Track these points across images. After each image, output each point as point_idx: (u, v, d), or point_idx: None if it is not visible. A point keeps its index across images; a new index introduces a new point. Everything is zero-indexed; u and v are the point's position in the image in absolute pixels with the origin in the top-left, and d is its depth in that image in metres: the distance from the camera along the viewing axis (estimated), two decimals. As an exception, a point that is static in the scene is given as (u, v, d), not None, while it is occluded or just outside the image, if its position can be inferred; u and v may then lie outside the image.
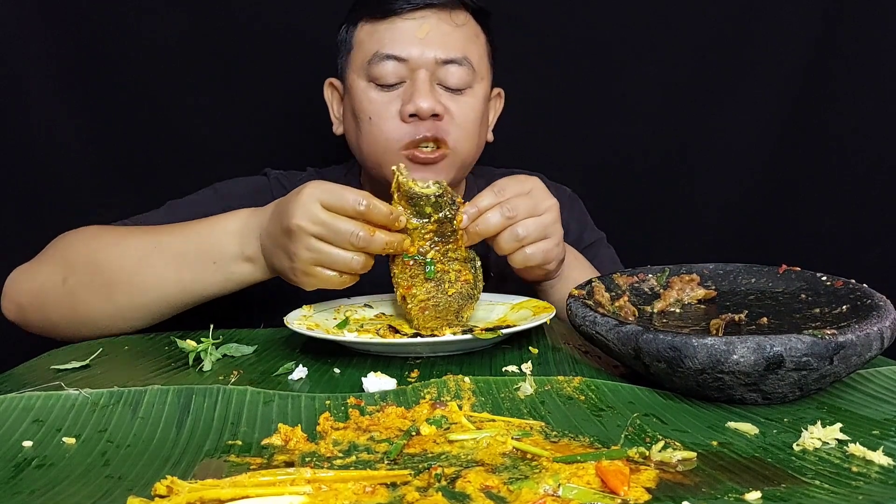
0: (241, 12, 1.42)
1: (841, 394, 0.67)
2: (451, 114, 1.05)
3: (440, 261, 0.85)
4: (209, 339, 0.80)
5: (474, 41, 1.09)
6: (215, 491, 0.46)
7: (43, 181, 1.39)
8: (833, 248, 1.49)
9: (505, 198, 0.86)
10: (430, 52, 1.03)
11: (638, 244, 1.48)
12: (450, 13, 1.06)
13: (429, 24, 1.04)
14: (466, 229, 0.85)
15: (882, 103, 1.45)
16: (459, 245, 0.86)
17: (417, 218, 0.83)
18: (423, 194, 0.82)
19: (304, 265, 0.84)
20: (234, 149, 1.47)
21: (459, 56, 1.05)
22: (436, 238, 0.84)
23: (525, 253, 0.88)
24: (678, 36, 1.47)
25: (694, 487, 0.48)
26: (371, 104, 1.05)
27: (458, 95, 1.06)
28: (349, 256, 0.82)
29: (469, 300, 0.87)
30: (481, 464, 0.52)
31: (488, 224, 0.85)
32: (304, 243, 0.83)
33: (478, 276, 0.88)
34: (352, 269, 0.83)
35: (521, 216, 0.87)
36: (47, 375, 0.75)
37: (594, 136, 1.51)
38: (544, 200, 0.89)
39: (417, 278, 0.85)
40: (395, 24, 1.04)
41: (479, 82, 1.09)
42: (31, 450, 0.57)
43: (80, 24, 1.38)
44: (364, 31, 1.07)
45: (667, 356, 0.63)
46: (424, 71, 1.03)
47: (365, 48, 1.06)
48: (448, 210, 0.83)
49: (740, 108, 1.48)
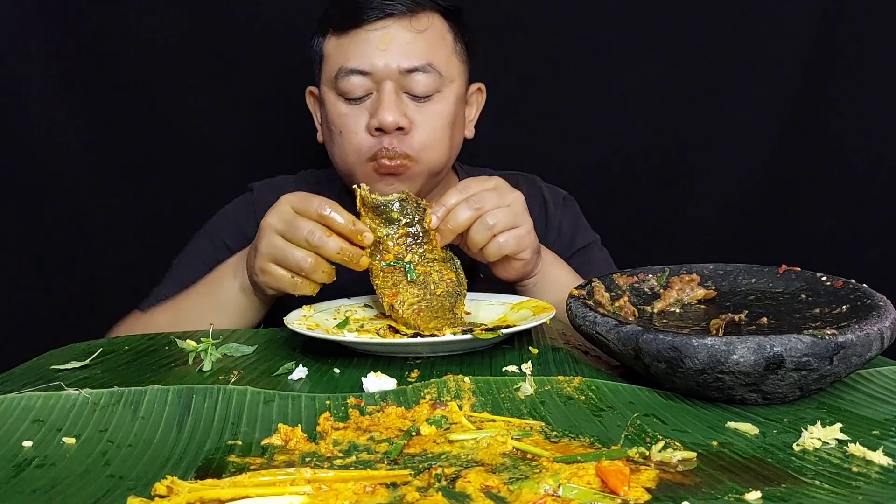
0: (241, 12, 1.42)
1: (841, 394, 0.67)
2: (417, 125, 1.06)
3: (419, 263, 0.87)
4: (209, 339, 0.80)
5: (439, 44, 1.08)
6: (215, 491, 0.46)
7: (43, 181, 1.40)
8: (833, 248, 1.49)
9: (470, 193, 0.89)
10: (393, 63, 1.04)
11: (638, 244, 1.48)
12: (410, 20, 1.06)
13: (390, 35, 1.05)
14: (438, 228, 0.87)
15: (882, 103, 1.45)
16: (435, 245, 0.88)
17: (386, 227, 0.86)
18: (385, 202, 0.86)
19: (262, 261, 0.89)
20: (234, 149, 1.47)
21: (423, 63, 1.05)
22: (409, 241, 0.87)
23: (498, 242, 0.90)
24: (678, 36, 1.47)
25: (694, 487, 0.48)
26: (340, 118, 1.07)
27: (425, 104, 1.07)
28: (301, 255, 0.86)
29: (458, 297, 0.88)
30: (481, 464, 0.52)
31: (458, 219, 0.87)
32: (266, 239, 0.89)
33: (460, 274, 0.90)
34: (302, 270, 0.87)
35: (489, 207, 0.89)
36: (47, 375, 0.75)
37: (594, 136, 1.51)
38: (509, 193, 0.92)
39: (401, 284, 0.86)
40: (359, 37, 1.05)
41: (448, 85, 1.09)
42: (31, 450, 0.57)
43: (81, 25, 1.38)
44: (331, 44, 1.09)
45: (667, 356, 0.63)
46: (390, 83, 1.04)
47: (331, 62, 1.08)
48: (415, 213, 0.87)
49: (740, 108, 1.48)
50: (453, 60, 1.10)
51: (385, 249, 0.87)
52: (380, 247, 0.87)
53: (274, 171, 1.33)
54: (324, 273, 0.87)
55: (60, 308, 1.43)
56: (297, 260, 0.86)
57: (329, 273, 0.88)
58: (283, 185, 1.21)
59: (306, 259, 0.86)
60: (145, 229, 1.47)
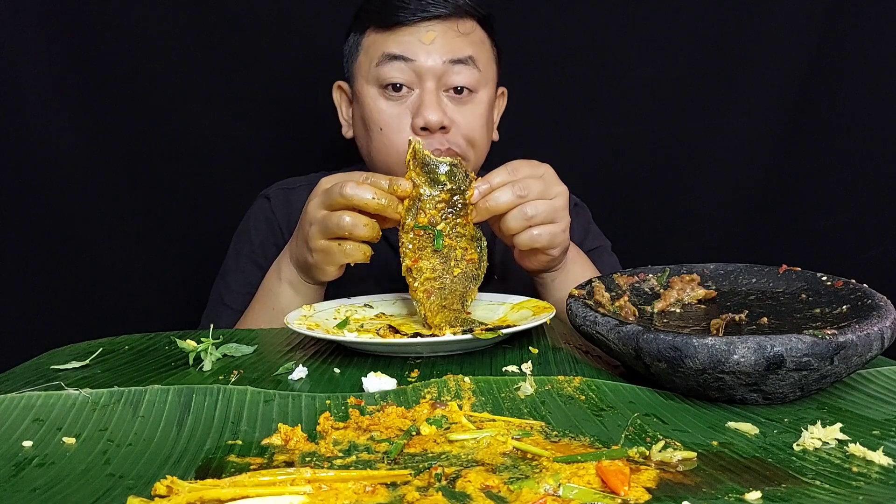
0: (242, 13, 1.42)
1: (841, 394, 0.67)
2: (458, 125, 1.07)
3: (448, 234, 0.86)
4: (209, 339, 0.80)
5: (480, 46, 1.10)
6: (215, 491, 0.46)
7: (43, 181, 1.40)
8: (833, 248, 1.49)
9: (517, 177, 0.88)
10: (437, 56, 1.05)
11: (638, 244, 1.48)
12: (456, 23, 1.07)
13: (434, 33, 1.05)
14: (477, 204, 0.86)
15: (883, 103, 1.45)
16: (468, 221, 0.87)
17: (430, 187, 0.84)
18: (436, 161, 0.84)
19: (313, 240, 0.89)
20: (235, 149, 1.47)
21: (466, 56, 1.06)
22: (447, 209, 0.85)
23: (532, 233, 0.89)
24: (677, 36, 1.47)
25: (694, 487, 0.48)
26: (381, 115, 1.07)
27: (464, 105, 1.08)
28: (338, 214, 0.86)
29: (473, 281, 0.88)
30: (481, 464, 0.52)
31: (498, 200, 0.86)
32: (309, 216, 0.89)
33: (482, 257, 0.89)
34: (344, 229, 0.85)
35: (532, 197, 0.88)
36: (47, 375, 0.75)
37: (594, 136, 1.51)
38: (555, 185, 0.91)
39: (425, 251, 0.85)
40: (403, 30, 1.06)
41: (485, 86, 1.10)
42: (31, 449, 0.57)
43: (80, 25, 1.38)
44: (370, 38, 1.09)
45: (667, 356, 0.63)
46: (432, 81, 1.05)
47: (371, 52, 1.08)
48: (461, 182, 0.85)
49: (741, 108, 1.48)
50: (491, 63, 1.12)
51: (421, 209, 0.85)
52: (417, 205, 0.85)
53: (274, 171, 1.33)
54: (366, 227, 0.86)
55: (60, 308, 1.43)
56: (337, 220, 0.86)
57: (371, 227, 0.86)
58: (295, 186, 1.22)
59: (343, 217, 0.85)
60: (146, 229, 1.47)
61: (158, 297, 1.49)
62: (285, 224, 1.18)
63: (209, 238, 1.41)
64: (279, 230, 1.18)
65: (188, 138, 1.45)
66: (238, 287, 1.16)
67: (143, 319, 1.44)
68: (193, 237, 1.47)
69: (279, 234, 1.18)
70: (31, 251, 1.42)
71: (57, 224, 1.42)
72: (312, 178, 1.25)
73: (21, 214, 1.40)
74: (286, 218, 1.18)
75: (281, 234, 1.18)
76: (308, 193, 1.19)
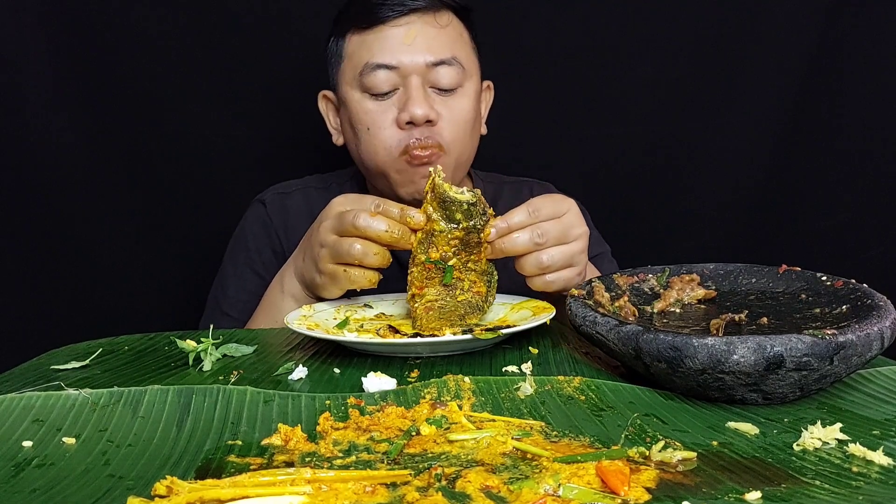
0: (242, 13, 1.42)
1: (841, 394, 0.67)
2: (445, 118, 1.06)
3: (459, 269, 0.85)
4: (209, 339, 0.80)
5: (460, 40, 1.10)
6: (215, 491, 0.46)
7: (43, 181, 1.40)
8: (833, 248, 1.49)
9: (538, 220, 0.86)
10: (419, 57, 1.05)
11: (638, 244, 1.48)
12: (434, 15, 1.07)
13: (415, 30, 1.05)
14: (493, 243, 0.85)
15: (883, 103, 1.45)
16: (481, 257, 0.85)
17: (446, 222, 0.82)
18: (456, 199, 0.81)
19: (322, 263, 0.89)
20: (235, 149, 1.47)
21: (448, 56, 1.06)
22: (460, 246, 0.84)
23: (545, 279, 0.88)
24: (677, 36, 1.47)
25: (694, 487, 0.48)
26: (367, 115, 1.07)
27: (450, 97, 1.08)
28: (349, 242, 0.86)
29: (476, 311, 0.86)
30: (481, 464, 0.52)
31: (515, 244, 0.85)
32: (320, 238, 0.89)
33: (491, 291, 0.88)
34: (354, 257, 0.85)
35: (550, 243, 0.86)
36: (47, 375, 0.75)
37: (594, 136, 1.51)
38: (576, 227, 0.89)
39: (433, 281, 0.85)
40: (383, 32, 1.05)
41: (469, 80, 1.10)
42: (31, 449, 0.57)
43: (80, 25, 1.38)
44: (353, 42, 1.08)
45: (667, 356, 0.63)
46: (416, 77, 1.05)
47: (355, 59, 1.08)
48: (478, 220, 0.83)
49: (740, 108, 1.48)
50: (472, 56, 1.12)
51: (434, 245, 0.83)
52: (431, 239, 0.83)
53: (274, 172, 1.33)
54: (376, 256, 0.85)
55: (60, 308, 1.43)
56: (347, 248, 0.86)
57: (382, 255, 0.86)
58: (290, 191, 1.22)
59: (354, 245, 0.85)
60: (146, 229, 1.47)
61: (158, 298, 1.49)
62: (282, 229, 1.18)
63: (209, 238, 1.41)
64: (276, 235, 1.19)
65: (188, 138, 1.45)
66: (236, 294, 1.16)
67: (143, 319, 1.44)
68: (193, 237, 1.47)
69: (276, 239, 1.18)
70: (31, 251, 1.42)
71: (57, 224, 1.42)
72: (308, 181, 1.25)
73: (21, 214, 1.40)
74: (283, 223, 1.19)
75: (278, 240, 1.18)
76: (303, 199, 1.20)
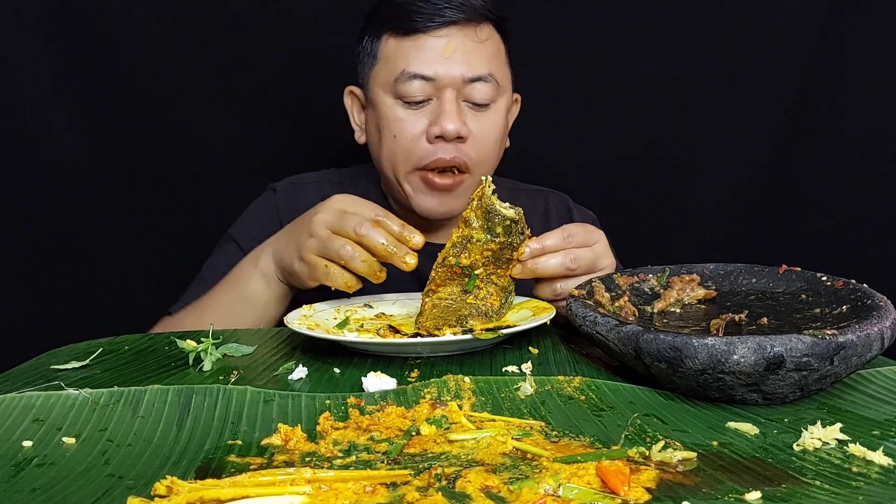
0: (242, 13, 1.42)
1: (841, 394, 0.67)
2: (474, 135, 1.06)
3: (482, 279, 0.85)
4: (209, 339, 0.80)
5: (497, 55, 1.09)
6: (215, 491, 0.46)
7: (43, 181, 1.39)
8: (833, 248, 1.49)
9: (570, 245, 0.87)
10: (456, 71, 1.04)
11: (638, 244, 1.48)
12: (475, 29, 1.06)
13: (454, 43, 1.04)
14: (525, 262, 0.85)
15: (883, 103, 1.45)
16: (506, 273, 0.86)
17: (486, 233, 0.83)
18: (500, 213, 0.81)
19: (306, 252, 0.89)
20: (235, 149, 1.47)
21: (485, 73, 1.05)
22: (491, 258, 0.84)
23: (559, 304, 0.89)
24: (677, 36, 1.47)
25: (694, 488, 0.48)
26: (397, 122, 1.06)
27: (482, 113, 1.07)
28: (341, 243, 0.86)
29: (483, 316, 0.86)
30: (481, 464, 0.52)
31: (546, 265, 0.86)
32: (313, 228, 0.89)
33: (504, 308, 0.88)
34: (341, 258, 0.86)
35: (581, 270, 0.87)
36: (47, 375, 0.75)
37: (594, 136, 1.51)
38: (604, 258, 0.90)
39: (452, 283, 0.85)
40: (421, 42, 1.04)
41: (502, 95, 1.09)
42: (31, 449, 0.57)
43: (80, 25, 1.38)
44: (389, 45, 1.07)
45: (667, 356, 0.63)
46: (451, 90, 1.04)
47: (391, 64, 1.06)
48: (516, 238, 0.83)
49: (740, 108, 1.48)
50: (506, 71, 1.12)
51: (467, 251, 0.84)
52: (466, 245, 0.83)
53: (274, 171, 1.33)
54: (363, 263, 0.86)
55: (60, 308, 1.43)
56: (338, 248, 0.86)
57: (368, 264, 0.86)
58: (304, 183, 1.22)
59: (345, 247, 0.86)
60: (146, 229, 1.47)
61: (158, 297, 1.48)
62: (287, 219, 1.17)
63: (209, 238, 1.40)
64: (280, 224, 1.17)
65: (188, 138, 1.45)
66: (217, 264, 1.15)
67: (143, 319, 1.43)
68: (193, 237, 1.46)
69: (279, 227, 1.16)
70: (31, 251, 1.42)
71: (57, 224, 1.42)
72: (324, 174, 1.24)
73: (21, 214, 1.40)
74: (289, 213, 1.17)
75: (280, 228, 1.17)
76: (316, 192, 1.19)
